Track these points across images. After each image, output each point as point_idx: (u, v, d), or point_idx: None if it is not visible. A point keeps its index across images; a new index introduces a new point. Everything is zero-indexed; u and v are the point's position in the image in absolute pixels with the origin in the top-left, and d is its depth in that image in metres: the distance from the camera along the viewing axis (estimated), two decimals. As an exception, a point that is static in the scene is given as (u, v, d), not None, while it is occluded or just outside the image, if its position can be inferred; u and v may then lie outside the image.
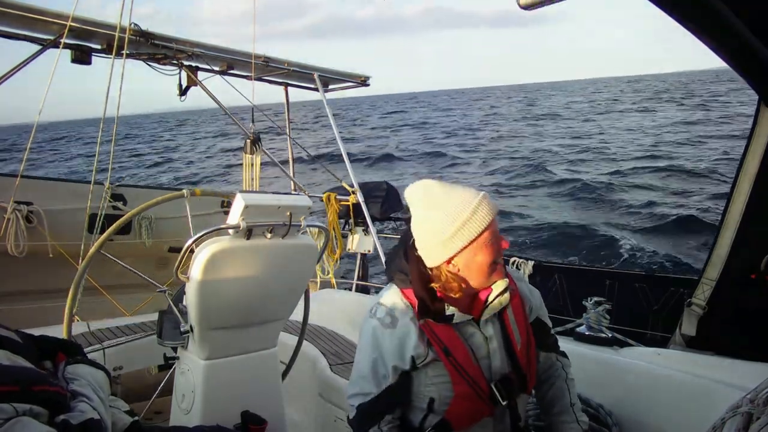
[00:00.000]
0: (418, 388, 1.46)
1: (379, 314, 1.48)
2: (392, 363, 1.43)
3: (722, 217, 2.73)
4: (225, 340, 1.89)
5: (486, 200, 1.40)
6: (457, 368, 1.41)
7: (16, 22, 3.33)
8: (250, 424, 1.87)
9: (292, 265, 1.95)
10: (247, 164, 4.47)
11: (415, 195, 1.46)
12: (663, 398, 1.92)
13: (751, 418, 0.84)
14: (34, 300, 4.19)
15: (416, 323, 1.43)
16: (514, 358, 1.48)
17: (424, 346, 1.41)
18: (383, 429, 1.45)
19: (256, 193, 2.19)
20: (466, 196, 1.40)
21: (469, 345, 1.44)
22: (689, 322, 2.91)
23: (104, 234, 1.93)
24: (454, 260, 1.41)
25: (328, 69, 4.95)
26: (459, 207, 1.37)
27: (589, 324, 2.32)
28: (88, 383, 1.03)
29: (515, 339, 1.49)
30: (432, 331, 1.42)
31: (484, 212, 1.37)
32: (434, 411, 1.44)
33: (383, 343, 1.44)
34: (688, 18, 1.51)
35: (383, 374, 1.45)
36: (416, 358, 1.42)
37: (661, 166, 16.35)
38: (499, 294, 1.45)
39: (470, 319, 1.46)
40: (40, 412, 0.86)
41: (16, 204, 3.91)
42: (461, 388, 1.41)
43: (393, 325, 1.44)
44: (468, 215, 1.36)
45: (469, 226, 1.37)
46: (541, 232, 11.29)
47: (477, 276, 1.42)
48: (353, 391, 1.51)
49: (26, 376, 0.90)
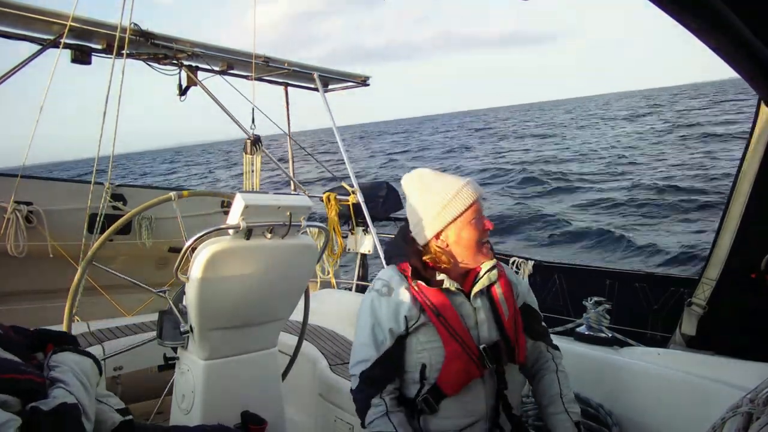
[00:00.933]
0: (410, 356, 1.55)
1: (376, 286, 1.63)
2: (389, 326, 1.54)
3: (722, 217, 2.73)
4: (225, 340, 1.89)
5: (470, 184, 1.60)
6: (447, 328, 1.51)
7: (16, 22, 3.33)
8: (250, 424, 1.88)
9: (292, 265, 1.95)
10: (247, 164, 4.47)
11: (409, 181, 1.68)
12: (663, 398, 1.92)
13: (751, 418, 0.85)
14: (34, 300, 4.19)
15: (410, 290, 1.57)
16: (502, 329, 1.57)
17: (416, 309, 1.54)
18: (385, 398, 1.52)
19: (256, 193, 2.19)
20: (452, 180, 1.61)
21: (459, 312, 1.54)
22: (689, 322, 2.91)
23: (104, 234, 1.93)
24: (442, 235, 1.59)
25: (328, 69, 4.95)
26: (446, 188, 1.59)
27: (589, 324, 2.32)
28: (69, 369, 1.02)
29: (503, 311, 1.59)
30: (423, 294, 1.55)
31: (467, 193, 1.57)
32: (426, 378, 1.52)
33: (380, 309, 1.57)
34: (687, 18, 1.50)
35: (381, 339, 1.55)
36: (409, 319, 1.54)
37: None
38: (487, 270, 1.60)
39: (460, 289, 1.57)
40: (8, 401, 0.85)
41: (16, 204, 3.91)
42: (452, 348, 1.50)
43: (389, 294, 1.59)
44: (453, 194, 1.57)
45: (454, 204, 1.56)
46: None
47: (464, 251, 1.59)
48: (355, 360, 1.59)
49: None
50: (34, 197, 4.12)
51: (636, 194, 14.03)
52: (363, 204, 4.56)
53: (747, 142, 2.56)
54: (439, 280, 1.56)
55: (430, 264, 1.60)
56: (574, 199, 15.12)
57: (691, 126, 27.83)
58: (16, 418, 0.82)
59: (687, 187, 13.66)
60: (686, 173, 15.74)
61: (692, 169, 16.16)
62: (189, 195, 2.09)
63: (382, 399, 1.51)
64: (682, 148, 21.18)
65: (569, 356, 1.75)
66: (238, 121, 4.40)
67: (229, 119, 4.32)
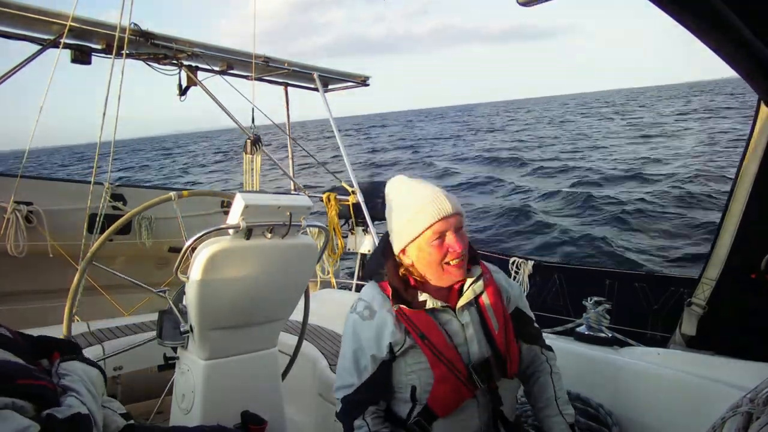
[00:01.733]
0: (399, 378, 1.49)
1: (358, 308, 1.55)
2: (371, 352, 1.47)
3: (722, 217, 2.73)
4: (225, 340, 1.89)
5: (438, 200, 1.47)
6: (434, 351, 1.45)
7: (16, 22, 3.33)
8: (250, 424, 1.87)
9: (292, 265, 1.95)
10: (247, 164, 4.47)
11: (389, 188, 1.63)
12: (663, 398, 1.92)
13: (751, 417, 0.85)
14: (34, 300, 4.19)
15: (392, 312, 1.49)
16: (493, 342, 1.51)
17: (401, 333, 1.47)
18: (367, 420, 1.48)
19: (256, 193, 2.20)
20: (420, 194, 1.50)
21: (446, 331, 1.49)
22: (689, 322, 2.91)
23: (104, 234, 1.93)
24: (406, 252, 1.52)
25: (328, 69, 4.95)
26: (409, 204, 1.50)
27: (589, 324, 2.32)
28: (79, 379, 1.03)
29: (492, 324, 1.52)
30: (407, 317, 1.47)
31: (429, 212, 1.46)
32: (417, 400, 1.47)
33: (362, 334, 1.50)
34: (687, 18, 1.51)
35: (364, 365, 1.49)
36: (394, 345, 1.47)
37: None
38: (472, 283, 1.52)
39: (446, 306, 1.51)
40: (23, 406, 0.85)
41: (16, 204, 3.91)
42: (440, 371, 1.45)
43: (371, 317, 1.50)
44: (413, 212, 1.48)
45: (412, 223, 1.48)
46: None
47: (427, 271, 1.50)
48: (338, 385, 1.55)
49: (10, 370, 0.89)
50: (34, 197, 4.12)
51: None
52: (363, 204, 4.56)
53: (747, 142, 2.56)
54: (421, 301, 1.48)
55: (411, 281, 1.52)
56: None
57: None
58: (35, 425, 0.83)
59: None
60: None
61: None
62: (189, 195, 2.09)
63: (364, 420, 1.48)
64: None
65: (569, 356, 1.75)
66: (238, 121, 4.40)
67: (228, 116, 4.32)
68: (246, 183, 4.52)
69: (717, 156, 17.64)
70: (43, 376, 0.97)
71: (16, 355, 0.96)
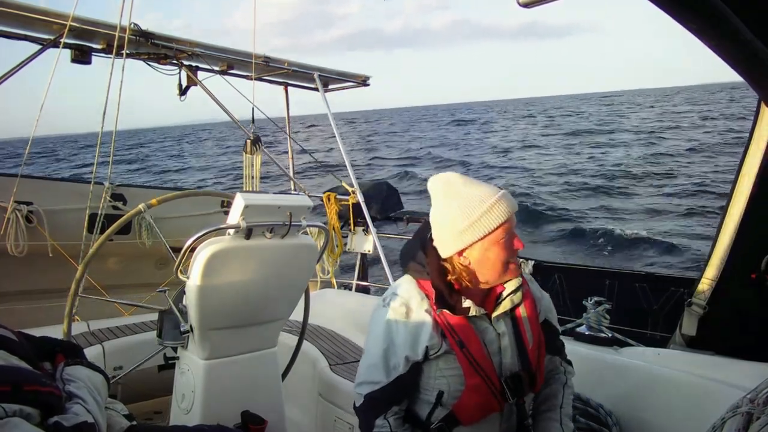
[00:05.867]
0: (428, 381, 1.46)
1: (393, 303, 1.48)
2: (404, 353, 1.43)
3: (722, 217, 2.72)
4: (225, 340, 1.89)
5: (505, 198, 1.42)
6: (470, 361, 1.41)
7: (16, 21, 3.33)
8: (250, 424, 1.88)
9: (292, 265, 1.95)
10: (247, 164, 4.47)
11: (436, 186, 1.50)
12: (663, 398, 1.92)
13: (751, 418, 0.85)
14: (34, 300, 4.19)
15: (431, 314, 1.44)
16: (525, 356, 1.48)
17: (438, 337, 1.42)
18: (389, 420, 1.45)
19: (256, 193, 2.19)
20: (485, 191, 1.43)
21: (482, 339, 1.45)
22: (689, 322, 2.91)
23: (104, 234, 1.93)
24: (465, 253, 1.44)
25: (329, 69, 4.94)
26: (476, 201, 1.41)
27: (589, 324, 2.32)
28: (85, 386, 1.02)
29: (527, 338, 1.49)
30: (447, 322, 1.42)
31: (500, 209, 1.40)
32: (442, 404, 1.44)
33: (396, 332, 1.44)
34: (688, 18, 1.50)
35: (394, 364, 1.44)
36: (430, 348, 1.42)
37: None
38: (511, 292, 1.48)
39: (484, 314, 1.47)
40: (31, 413, 0.84)
41: (16, 204, 3.90)
42: (473, 381, 1.41)
43: (407, 316, 1.45)
44: (484, 210, 1.40)
45: (483, 221, 1.40)
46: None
47: (488, 272, 1.44)
48: (362, 380, 1.50)
49: (18, 375, 0.89)
50: (34, 197, 4.11)
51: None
52: (363, 204, 4.56)
53: (747, 142, 2.55)
54: (465, 308, 1.43)
55: (456, 286, 1.46)
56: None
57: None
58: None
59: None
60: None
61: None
62: (158, 203, 2.05)
63: (386, 420, 1.45)
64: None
65: (569, 356, 1.75)
66: (238, 121, 4.40)
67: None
68: (246, 183, 4.52)
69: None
70: (50, 382, 0.96)
71: (20, 358, 0.96)
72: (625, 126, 35.14)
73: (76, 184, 4.79)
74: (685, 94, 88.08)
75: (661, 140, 26.31)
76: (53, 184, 4.63)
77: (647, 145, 24.85)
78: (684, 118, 36.97)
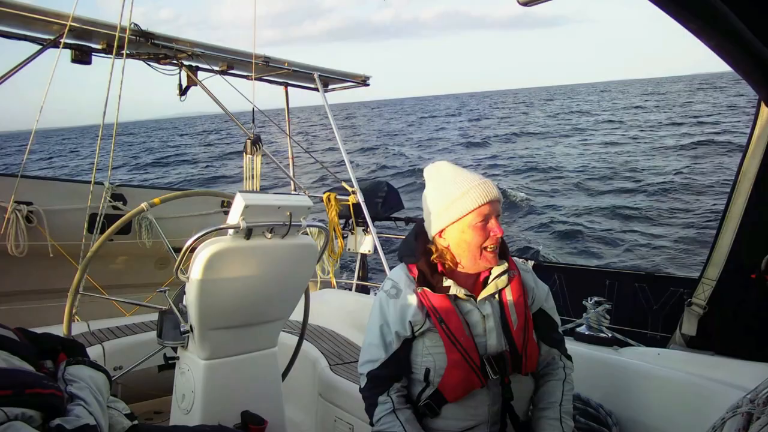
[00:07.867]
0: (416, 358, 1.55)
1: (386, 287, 1.62)
2: (395, 329, 1.54)
3: (722, 217, 2.72)
4: (225, 340, 1.89)
5: (483, 185, 1.52)
6: (449, 337, 1.49)
7: (16, 22, 3.33)
8: (250, 424, 1.88)
9: (292, 265, 1.94)
10: (248, 164, 4.47)
11: (429, 172, 1.65)
12: (663, 398, 1.92)
13: (751, 418, 0.85)
14: (34, 300, 4.19)
15: (417, 294, 1.55)
16: (510, 338, 1.55)
17: (422, 315, 1.52)
18: (392, 397, 1.53)
19: (256, 193, 2.19)
20: (466, 177, 1.56)
21: (466, 319, 1.53)
22: (689, 322, 2.91)
23: (104, 234, 1.93)
24: (444, 234, 1.56)
25: (328, 69, 4.94)
26: (456, 185, 1.54)
27: (589, 324, 2.32)
28: (87, 386, 1.02)
29: (512, 320, 1.56)
30: (429, 300, 1.53)
31: (476, 194, 1.51)
32: (430, 382, 1.52)
33: (388, 311, 1.56)
34: (688, 18, 1.51)
35: (389, 340, 1.55)
36: (414, 324, 1.52)
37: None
38: (496, 276, 1.57)
39: (469, 296, 1.55)
40: (33, 416, 0.84)
41: (16, 204, 3.90)
42: (453, 356, 1.49)
43: (397, 296, 1.57)
44: (461, 193, 1.52)
45: (458, 204, 1.51)
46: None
47: (464, 254, 1.54)
48: (363, 359, 1.60)
49: (20, 379, 0.89)
50: (34, 197, 4.11)
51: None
52: (363, 204, 4.56)
53: (747, 141, 2.56)
54: (445, 287, 1.53)
55: (439, 267, 1.56)
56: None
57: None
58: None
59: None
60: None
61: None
62: (160, 202, 2.05)
63: (389, 397, 1.53)
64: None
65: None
66: (238, 121, 4.40)
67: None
68: (246, 183, 4.52)
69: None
70: (51, 383, 0.96)
71: (21, 359, 0.96)
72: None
73: (76, 184, 4.80)
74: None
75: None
76: (53, 184, 4.63)
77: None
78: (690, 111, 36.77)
